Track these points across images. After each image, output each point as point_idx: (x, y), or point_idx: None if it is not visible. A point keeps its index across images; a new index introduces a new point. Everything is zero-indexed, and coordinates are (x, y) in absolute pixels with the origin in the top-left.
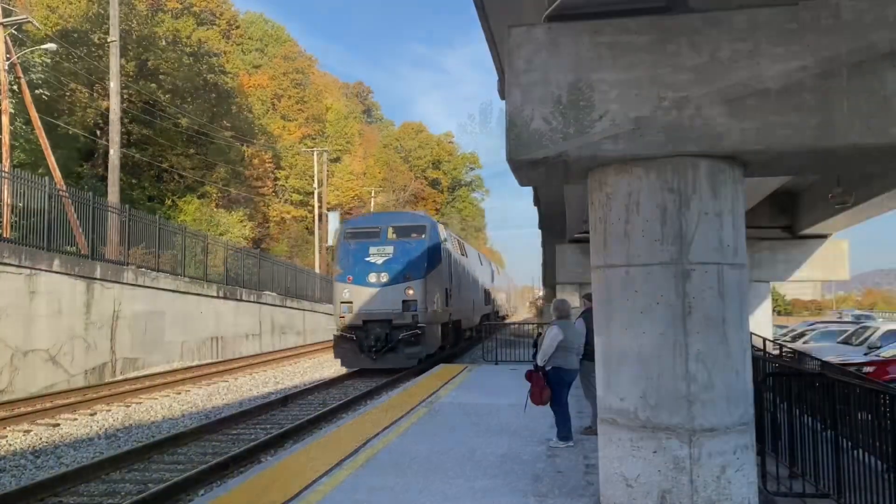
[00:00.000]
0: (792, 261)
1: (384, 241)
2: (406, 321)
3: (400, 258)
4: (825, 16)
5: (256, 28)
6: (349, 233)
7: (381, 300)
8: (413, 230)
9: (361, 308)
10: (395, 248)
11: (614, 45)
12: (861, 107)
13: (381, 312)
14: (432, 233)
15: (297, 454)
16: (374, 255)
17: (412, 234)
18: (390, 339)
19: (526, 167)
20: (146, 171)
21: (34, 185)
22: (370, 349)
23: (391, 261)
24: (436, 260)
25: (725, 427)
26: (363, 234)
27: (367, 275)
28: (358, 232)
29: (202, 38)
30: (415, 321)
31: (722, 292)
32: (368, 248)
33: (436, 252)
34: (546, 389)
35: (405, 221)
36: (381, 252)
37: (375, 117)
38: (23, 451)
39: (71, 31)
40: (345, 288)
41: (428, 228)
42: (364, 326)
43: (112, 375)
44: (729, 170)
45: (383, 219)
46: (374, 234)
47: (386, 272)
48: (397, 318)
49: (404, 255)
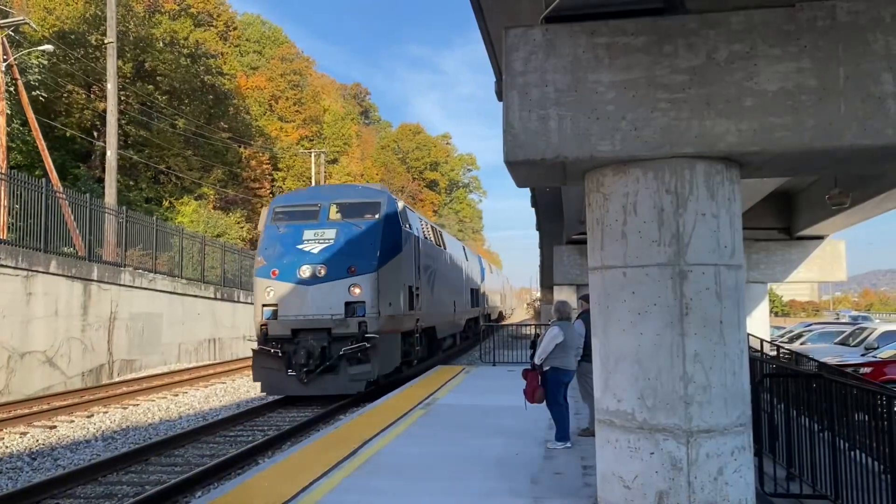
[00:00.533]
0: (789, 262)
1: (324, 222)
2: (350, 330)
3: (344, 245)
4: (821, 17)
5: (254, 29)
6: (279, 212)
7: (316, 302)
8: (364, 208)
9: (290, 313)
10: (339, 232)
11: (611, 47)
12: (857, 108)
13: (315, 318)
14: (390, 212)
15: (294, 456)
16: (309, 242)
17: (364, 213)
18: (328, 354)
19: (523, 168)
20: (143, 172)
21: (31, 186)
22: (301, 369)
23: (332, 249)
24: (395, 248)
25: (723, 428)
26: (297, 215)
27: (299, 268)
28: (290, 211)
29: (199, 39)
30: (363, 330)
31: (719, 293)
32: (302, 232)
33: (395, 237)
34: (540, 388)
35: (353, 197)
36: (319, 237)
37: (373, 119)
38: (19, 453)
39: (68, 32)
40: (268, 286)
41: (384, 206)
42: (293, 338)
43: (109, 377)
44: (726, 171)
45: (324, 193)
46: (310, 213)
47: (324, 264)
48: (338, 325)
49: (351, 240)
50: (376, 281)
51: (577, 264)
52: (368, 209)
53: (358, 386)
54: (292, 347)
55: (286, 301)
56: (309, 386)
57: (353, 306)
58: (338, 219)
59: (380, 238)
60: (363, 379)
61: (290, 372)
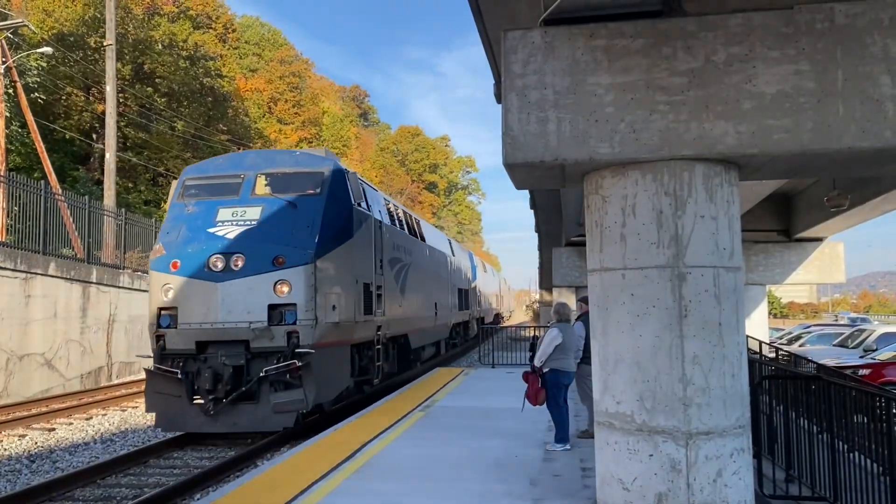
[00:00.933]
0: (788, 264)
1: (247, 198)
2: (275, 343)
3: (272, 228)
4: (820, 19)
5: (253, 32)
6: (190, 186)
7: (229, 304)
8: (302, 180)
9: (193, 319)
10: (266, 211)
11: (610, 49)
12: (856, 110)
13: (228, 327)
14: (337, 186)
15: (294, 457)
16: (224, 224)
17: (301, 186)
18: (246, 376)
19: (522, 171)
20: (142, 174)
21: (30, 188)
22: (208, 395)
23: (255, 233)
24: (343, 232)
25: (722, 430)
26: (213, 189)
27: (207, 258)
28: (204, 184)
29: (198, 41)
30: (293, 343)
31: (718, 295)
32: (217, 211)
33: (343, 219)
34: (541, 390)
35: (288, 165)
36: (238, 218)
37: (372, 121)
38: (18, 455)
39: (67, 34)
40: (165, 282)
41: (328, 178)
42: (198, 354)
43: (108, 379)
44: (724, 173)
45: (251, 161)
46: (230, 187)
47: (242, 254)
48: (259, 337)
49: (281, 222)
50: (312, 276)
51: (577, 266)
52: (308, 181)
53: (284, 420)
54: (196, 367)
55: (189, 303)
56: (218, 420)
57: (281, 310)
58: (266, 193)
59: (320, 219)
60: (292, 410)
61: (196, 399)
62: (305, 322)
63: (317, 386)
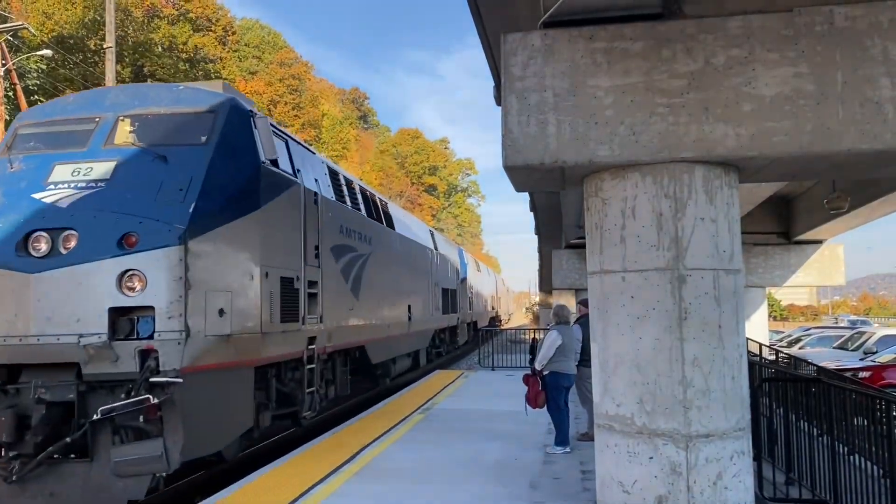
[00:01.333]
0: (787, 266)
1: (97, 149)
2: (119, 368)
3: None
4: (819, 22)
5: (252, 34)
6: (25, 134)
7: (47, 307)
8: (184, 125)
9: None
10: (121, 169)
11: (609, 52)
12: (855, 113)
13: (45, 343)
14: (234, 132)
15: (294, 460)
16: (56, 187)
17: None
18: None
19: (522, 173)
20: None
21: None
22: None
23: (98, 198)
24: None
25: (722, 432)
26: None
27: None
28: (43, 132)
29: (198, 44)
30: (150, 367)
31: (718, 298)
32: (52, 167)
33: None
34: (542, 393)
35: (165, 105)
36: (78, 178)
37: (371, 123)
38: None
39: (67, 37)
40: None
41: (220, 120)
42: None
43: None
44: (724, 175)
45: (112, 100)
46: (77, 135)
47: (73, 229)
48: (95, 357)
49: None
50: (181, 263)
51: (576, 269)
52: (191, 126)
53: (132, 489)
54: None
55: None
56: (27, 490)
57: (131, 317)
58: (128, 143)
59: (202, 178)
60: (143, 472)
61: None
62: (169, 335)
63: (187, 433)
